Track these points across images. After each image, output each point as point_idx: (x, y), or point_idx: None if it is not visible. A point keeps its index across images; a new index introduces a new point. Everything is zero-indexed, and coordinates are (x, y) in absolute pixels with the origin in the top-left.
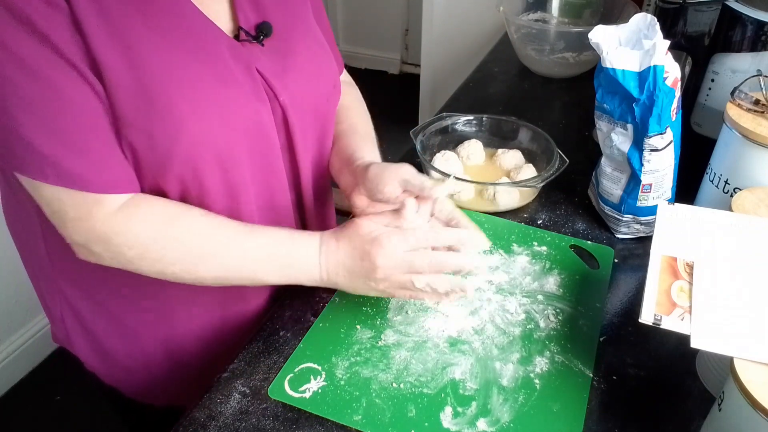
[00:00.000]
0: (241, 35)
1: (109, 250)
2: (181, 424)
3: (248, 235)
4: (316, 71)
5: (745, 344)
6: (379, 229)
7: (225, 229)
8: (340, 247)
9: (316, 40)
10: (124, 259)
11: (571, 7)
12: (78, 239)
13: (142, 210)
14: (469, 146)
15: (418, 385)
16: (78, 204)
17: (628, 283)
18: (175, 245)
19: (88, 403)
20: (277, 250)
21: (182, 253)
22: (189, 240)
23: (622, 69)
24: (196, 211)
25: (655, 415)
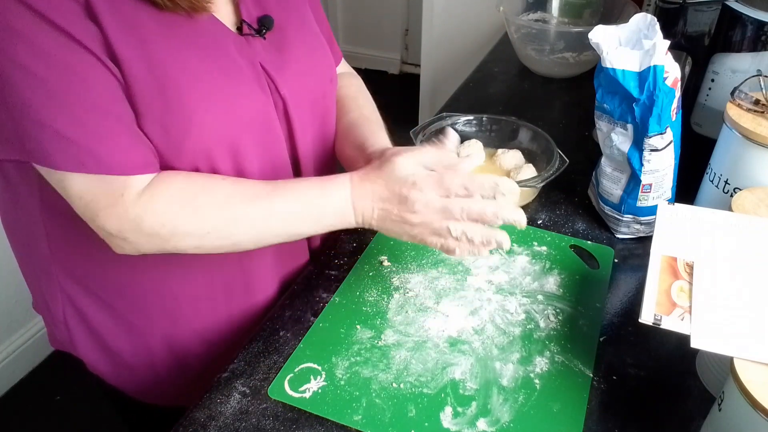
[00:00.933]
0: (245, 29)
1: (143, 233)
2: (181, 424)
3: (276, 191)
4: (313, 65)
5: (745, 344)
6: (417, 172)
7: (252, 189)
8: (376, 190)
9: (313, 33)
10: (161, 240)
11: (571, 7)
12: (112, 228)
13: (164, 186)
14: (469, 146)
15: (418, 385)
16: (108, 191)
17: (628, 283)
18: (204, 214)
19: (88, 403)
20: (309, 201)
21: (213, 221)
22: (217, 206)
23: (622, 69)
24: (219, 178)
25: (655, 415)
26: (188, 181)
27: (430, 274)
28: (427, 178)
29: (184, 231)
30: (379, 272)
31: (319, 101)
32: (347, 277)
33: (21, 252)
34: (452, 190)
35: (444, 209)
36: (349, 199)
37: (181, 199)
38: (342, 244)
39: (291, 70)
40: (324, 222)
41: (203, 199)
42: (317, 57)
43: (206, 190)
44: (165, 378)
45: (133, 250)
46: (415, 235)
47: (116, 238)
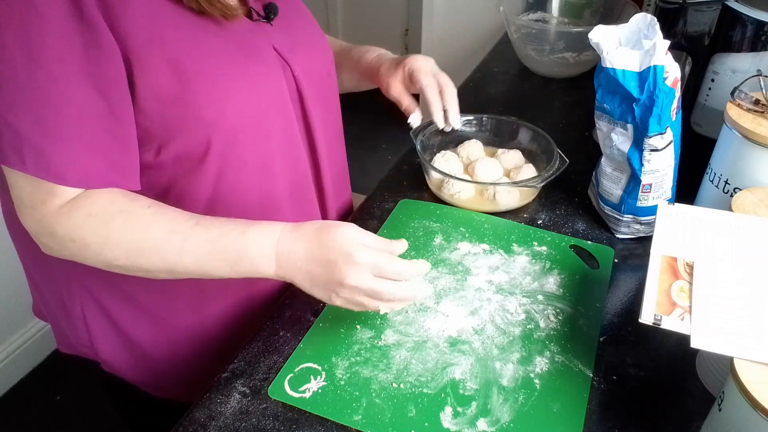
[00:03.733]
0: (254, 15)
1: (54, 242)
2: (181, 424)
3: (194, 228)
4: (317, 47)
5: (745, 344)
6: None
7: (169, 222)
8: (309, 249)
9: (308, 16)
10: (69, 252)
11: (571, 7)
12: (30, 227)
13: (87, 202)
14: (469, 146)
15: (418, 385)
16: (33, 192)
17: (628, 283)
18: (115, 239)
19: (88, 403)
20: (226, 245)
21: (122, 248)
22: (129, 234)
23: (622, 69)
24: (143, 203)
25: (655, 415)
26: (111, 201)
27: (430, 274)
28: (363, 256)
29: (94, 251)
30: None
31: (325, 80)
32: None
33: (31, 255)
34: (386, 274)
35: (373, 292)
36: (273, 249)
37: (98, 220)
38: None
39: (300, 52)
40: (239, 268)
41: (119, 224)
42: (318, 39)
43: (125, 213)
44: (185, 369)
45: (46, 250)
46: (337, 303)
47: (34, 236)
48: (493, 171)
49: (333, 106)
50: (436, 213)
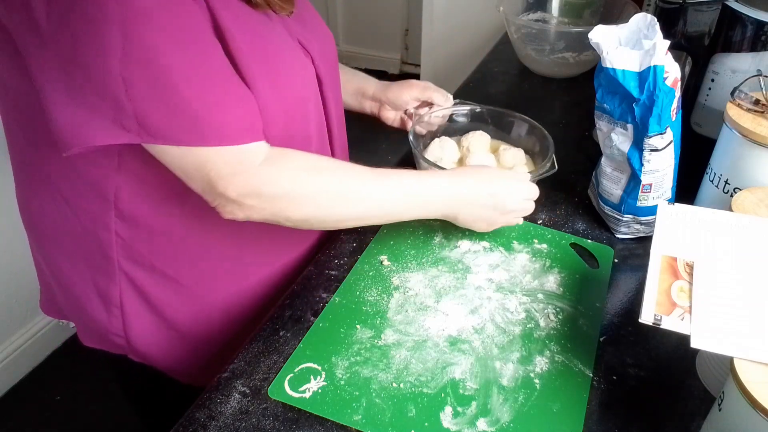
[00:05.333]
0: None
1: (261, 201)
2: (181, 425)
3: (381, 177)
4: (325, 36)
5: (745, 344)
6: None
7: (361, 172)
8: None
9: (313, 10)
10: (273, 209)
11: (571, 7)
12: (232, 194)
13: (286, 160)
14: (473, 137)
15: (418, 385)
16: (230, 160)
17: (628, 283)
18: (324, 189)
19: (88, 403)
20: (409, 190)
21: (327, 198)
22: (335, 184)
23: (622, 69)
24: (326, 158)
25: (655, 415)
26: (307, 159)
27: (430, 272)
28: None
29: (299, 204)
30: (379, 272)
31: (335, 69)
32: (347, 277)
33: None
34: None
35: (524, 211)
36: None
37: (302, 174)
38: (342, 244)
39: (316, 42)
40: (419, 211)
41: (322, 177)
42: (324, 30)
43: (324, 168)
44: (218, 350)
45: (243, 216)
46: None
47: (233, 203)
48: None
49: (339, 91)
50: None
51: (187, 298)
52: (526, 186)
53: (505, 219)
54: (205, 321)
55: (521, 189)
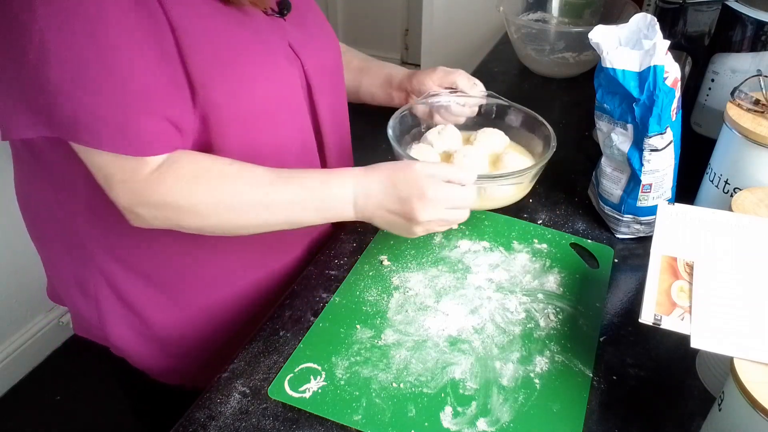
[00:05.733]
0: (268, 10)
1: (149, 210)
2: (181, 424)
3: (279, 180)
4: (326, 42)
5: (745, 344)
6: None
7: (253, 177)
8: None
9: (319, 13)
10: (163, 219)
11: (571, 7)
12: (124, 202)
13: (174, 167)
14: (444, 134)
15: (418, 385)
16: (123, 166)
17: (628, 283)
18: (206, 199)
19: (89, 402)
20: (312, 194)
21: (214, 207)
22: (219, 192)
23: (622, 69)
24: (225, 161)
25: (655, 415)
26: (196, 162)
27: (430, 272)
28: (434, 191)
29: (189, 212)
30: (379, 272)
31: (334, 75)
32: (347, 277)
33: (45, 234)
34: (455, 204)
35: (445, 222)
36: (352, 194)
37: (189, 181)
38: (342, 244)
39: (311, 47)
40: (324, 215)
41: (209, 184)
42: (328, 35)
43: (211, 173)
44: (195, 354)
45: (144, 224)
46: (416, 235)
47: (129, 212)
48: (478, 162)
49: (340, 97)
50: None
51: (162, 298)
52: (452, 192)
53: (425, 228)
54: (182, 326)
55: (442, 195)
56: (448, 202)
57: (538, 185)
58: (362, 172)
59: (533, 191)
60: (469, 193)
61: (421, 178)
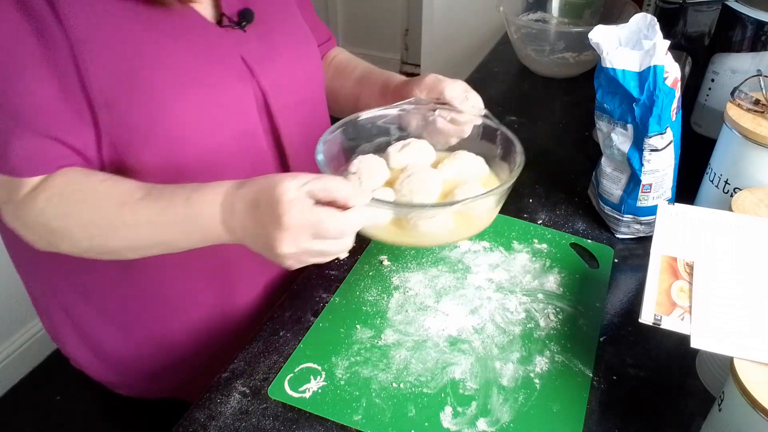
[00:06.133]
0: (224, 20)
1: (30, 232)
2: (181, 425)
3: (147, 198)
4: (297, 57)
5: (745, 344)
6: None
7: (120, 196)
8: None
9: (298, 25)
10: (44, 241)
11: (571, 7)
12: (10, 223)
13: (46, 186)
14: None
15: (418, 385)
16: (3, 186)
17: (628, 283)
18: (75, 220)
19: (89, 403)
20: (175, 215)
21: (83, 229)
22: (87, 213)
23: (622, 69)
24: (98, 178)
25: (655, 415)
26: (67, 182)
27: (430, 272)
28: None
29: (61, 235)
30: (378, 271)
31: (304, 93)
32: (347, 277)
33: (15, 249)
34: (327, 236)
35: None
36: (220, 213)
37: (56, 202)
38: None
39: (274, 62)
40: (194, 236)
41: (76, 203)
42: (302, 50)
43: (80, 192)
44: (152, 373)
45: (36, 246)
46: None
47: (18, 232)
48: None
49: (315, 114)
50: None
51: (111, 323)
52: (322, 217)
53: (296, 260)
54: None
55: (306, 223)
56: (315, 231)
57: (538, 185)
58: (234, 187)
59: (533, 192)
60: (351, 219)
61: (282, 200)
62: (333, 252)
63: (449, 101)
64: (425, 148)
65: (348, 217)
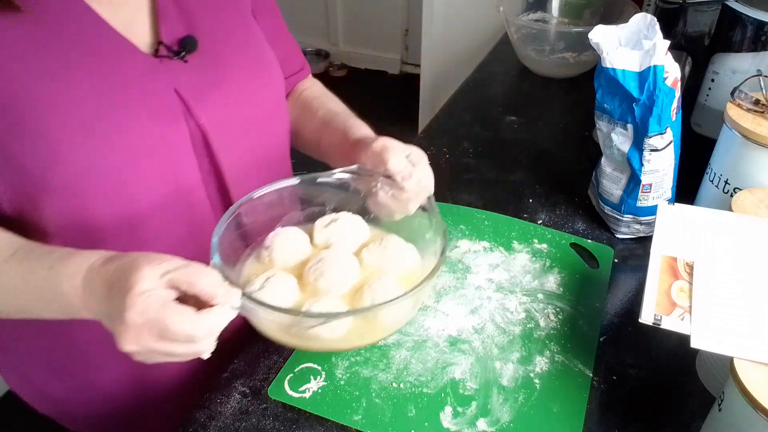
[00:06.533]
0: (160, 50)
1: None
2: (181, 424)
3: (12, 259)
4: (249, 89)
5: (745, 344)
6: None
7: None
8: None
9: (254, 54)
10: None
11: (571, 7)
12: None
13: None
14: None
15: (418, 385)
16: None
17: (628, 283)
18: None
19: None
20: (37, 282)
21: None
22: None
23: (622, 69)
24: None
25: (655, 415)
26: None
27: None
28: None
29: None
30: None
31: (256, 129)
32: None
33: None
34: (174, 339)
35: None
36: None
37: None
38: None
39: (217, 96)
40: (54, 307)
41: None
42: (256, 81)
43: None
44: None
45: None
46: None
47: None
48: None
49: (272, 160)
50: None
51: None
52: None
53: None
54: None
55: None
56: (160, 332)
57: (538, 186)
58: (100, 261)
59: (533, 192)
60: (205, 323)
61: (132, 291)
62: (184, 355)
63: (392, 175)
64: (356, 226)
65: (201, 321)
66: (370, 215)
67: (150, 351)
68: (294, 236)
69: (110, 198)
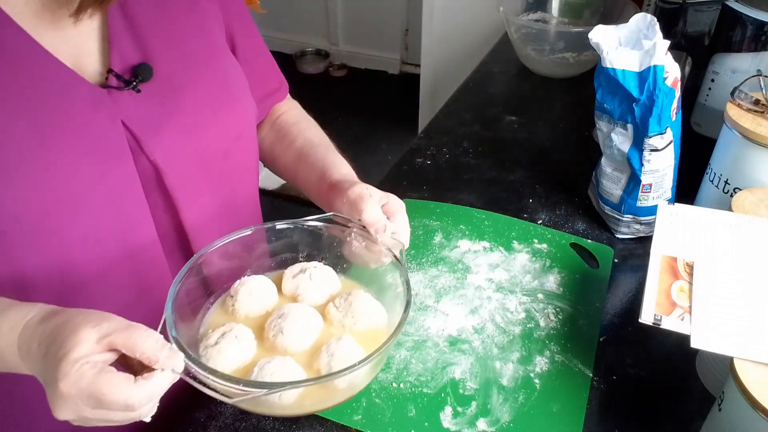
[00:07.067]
0: (109, 80)
1: None
2: (181, 424)
3: None
4: (209, 119)
5: (745, 344)
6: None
7: None
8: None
9: (219, 80)
10: None
11: (571, 7)
12: None
13: None
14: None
15: (418, 385)
16: None
17: (628, 283)
18: None
19: None
20: None
21: None
22: None
23: (622, 69)
24: None
25: (655, 415)
26: None
27: (429, 272)
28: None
29: None
30: None
31: (218, 163)
32: None
33: None
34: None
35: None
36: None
37: None
38: None
39: (173, 127)
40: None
41: None
42: (219, 111)
43: None
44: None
45: None
46: None
47: None
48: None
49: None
50: (436, 211)
51: None
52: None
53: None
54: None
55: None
56: (96, 401)
57: (538, 186)
58: (39, 317)
59: (533, 192)
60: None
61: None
62: (124, 421)
63: (366, 226)
64: (326, 277)
65: (139, 389)
66: (343, 264)
67: (86, 419)
68: (260, 285)
69: (44, 252)
